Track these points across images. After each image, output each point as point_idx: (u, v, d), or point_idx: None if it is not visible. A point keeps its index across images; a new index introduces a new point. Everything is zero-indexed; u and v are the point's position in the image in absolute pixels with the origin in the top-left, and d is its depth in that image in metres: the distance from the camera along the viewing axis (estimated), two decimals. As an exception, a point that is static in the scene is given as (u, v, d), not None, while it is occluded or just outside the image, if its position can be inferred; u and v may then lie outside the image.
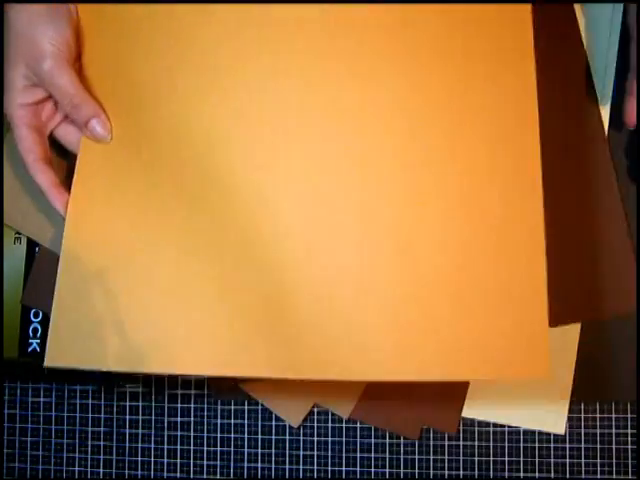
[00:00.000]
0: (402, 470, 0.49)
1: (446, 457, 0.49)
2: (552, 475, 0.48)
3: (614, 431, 0.48)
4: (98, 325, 0.41)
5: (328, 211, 0.40)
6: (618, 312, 0.45)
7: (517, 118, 0.41)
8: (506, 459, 0.48)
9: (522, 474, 0.48)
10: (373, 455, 0.49)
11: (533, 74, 0.42)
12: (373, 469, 0.49)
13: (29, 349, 0.52)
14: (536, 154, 0.41)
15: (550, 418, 0.47)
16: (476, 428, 0.48)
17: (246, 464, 0.50)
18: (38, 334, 0.52)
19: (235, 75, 0.44)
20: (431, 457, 0.49)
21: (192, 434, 0.51)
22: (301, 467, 0.50)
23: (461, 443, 0.48)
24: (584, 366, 0.47)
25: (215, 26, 0.44)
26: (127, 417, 0.51)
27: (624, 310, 0.45)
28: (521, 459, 0.48)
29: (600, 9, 0.46)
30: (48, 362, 0.41)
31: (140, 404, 0.51)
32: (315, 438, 0.50)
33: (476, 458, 0.48)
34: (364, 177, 0.41)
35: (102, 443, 0.52)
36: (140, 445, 0.51)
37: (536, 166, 0.41)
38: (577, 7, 0.47)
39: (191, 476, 0.51)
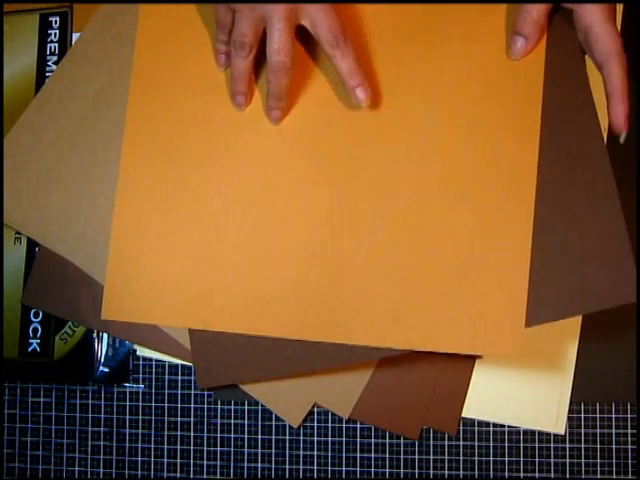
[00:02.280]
0: (402, 470, 0.49)
1: (446, 457, 0.49)
2: (552, 475, 0.48)
3: (614, 431, 0.48)
4: (149, 284, 0.47)
5: (349, 206, 0.45)
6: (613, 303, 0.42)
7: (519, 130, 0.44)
8: (506, 459, 0.48)
9: (522, 474, 0.48)
10: (373, 455, 0.49)
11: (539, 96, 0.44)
12: (373, 469, 0.49)
13: (29, 349, 0.52)
14: (534, 156, 0.43)
15: (550, 418, 0.47)
16: (476, 428, 0.48)
17: (246, 464, 0.50)
18: (38, 334, 0.52)
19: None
20: (431, 457, 0.49)
21: (192, 434, 0.51)
22: (301, 467, 0.50)
23: (461, 443, 0.48)
24: (584, 366, 0.47)
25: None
26: (127, 417, 0.51)
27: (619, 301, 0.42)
28: (521, 459, 0.48)
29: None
30: (104, 316, 0.47)
31: (140, 404, 0.51)
32: (315, 438, 0.50)
33: (476, 458, 0.48)
34: (381, 187, 0.45)
35: (102, 443, 0.52)
36: (140, 445, 0.51)
37: (532, 167, 0.43)
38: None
39: (191, 476, 0.51)
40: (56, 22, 0.54)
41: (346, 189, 0.45)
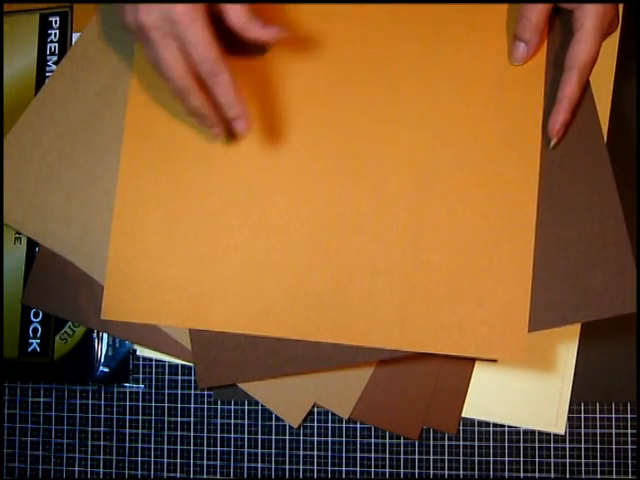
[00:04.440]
0: (402, 470, 0.49)
1: (446, 457, 0.49)
2: (552, 475, 0.48)
3: (614, 431, 0.48)
4: (149, 284, 0.47)
5: (351, 208, 0.45)
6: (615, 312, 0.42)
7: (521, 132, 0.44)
8: (506, 459, 0.48)
9: (522, 474, 0.48)
10: (373, 455, 0.49)
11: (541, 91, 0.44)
12: (373, 469, 0.49)
13: (29, 349, 0.52)
14: (535, 162, 0.43)
15: (550, 418, 0.47)
16: (476, 428, 0.48)
17: (246, 464, 0.50)
18: (38, 334, 0.52)
19: None
20: (431, 457, 0.49)
21: (192, 434, 0.51)
22: (301, 467, 0.50)
23: (461, 443, 0.48)
24: (584, 366, 0.47)
25: None
26: (127, 417, 0.51)
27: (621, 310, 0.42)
28: (521, 459, 0.48)
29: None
30: (104, 316, 0.47)
31: (140, 404, 0.51)
32: (315, 438, 0.50)
33: (476, 458, 0.48)
34: (382, 189, 0.45)
35: (102, 443, 0.52)
36: (140, 445, 0.51)
37: (534, 173, 0.43)
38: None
39: (191, 476, 0.51)
40: (56, 22, 0.54)
41: (347, 190, 0.45)
